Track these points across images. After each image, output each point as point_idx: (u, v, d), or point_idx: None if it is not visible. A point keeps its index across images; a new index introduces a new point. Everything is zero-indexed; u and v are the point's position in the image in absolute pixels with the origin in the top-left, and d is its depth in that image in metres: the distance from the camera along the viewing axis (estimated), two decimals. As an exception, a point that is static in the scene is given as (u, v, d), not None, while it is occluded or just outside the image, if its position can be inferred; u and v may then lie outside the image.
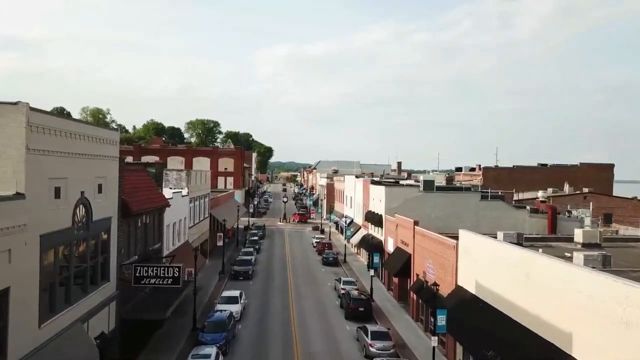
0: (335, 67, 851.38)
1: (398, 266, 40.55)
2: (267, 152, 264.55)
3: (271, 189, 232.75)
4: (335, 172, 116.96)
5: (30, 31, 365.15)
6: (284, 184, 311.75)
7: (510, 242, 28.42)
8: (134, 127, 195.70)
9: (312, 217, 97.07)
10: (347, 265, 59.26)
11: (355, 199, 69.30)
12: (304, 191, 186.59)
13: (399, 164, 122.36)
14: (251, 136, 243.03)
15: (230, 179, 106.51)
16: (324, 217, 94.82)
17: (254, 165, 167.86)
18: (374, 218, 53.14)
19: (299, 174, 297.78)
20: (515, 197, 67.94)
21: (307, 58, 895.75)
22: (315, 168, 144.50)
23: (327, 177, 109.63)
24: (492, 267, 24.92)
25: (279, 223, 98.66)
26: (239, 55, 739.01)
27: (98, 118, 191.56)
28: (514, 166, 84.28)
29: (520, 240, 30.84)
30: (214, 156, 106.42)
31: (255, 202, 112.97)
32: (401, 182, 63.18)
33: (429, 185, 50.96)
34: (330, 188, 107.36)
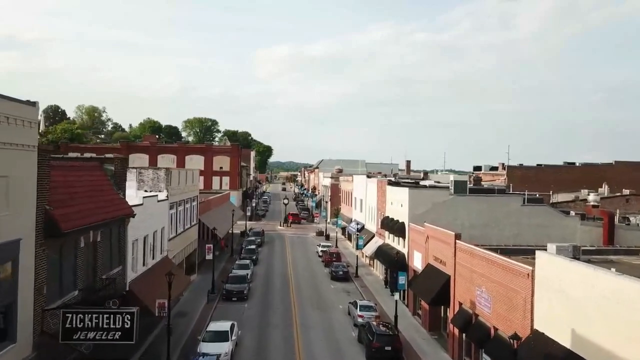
0: (335, 67, 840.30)
1: (433, 290, 31.85)
2: (266, 151, 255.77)
3: (270, 189, 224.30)
4: (340, 171, 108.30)
5: (29, 31, 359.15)
6: (283, 183, 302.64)
7: (566, 258, 20.28)
8: (130, 125, 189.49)
9: (315, 220, 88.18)
10: (359, 280, 50.62)
11: (367, 202, 60.64)
12: (304, 192, 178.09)
13: (408, 162, 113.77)
14: (250, 135, 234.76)
15: (225, 179, 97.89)
16: (329, 221, 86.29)
17: (252, 165, 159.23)
18: (393, 226, 44.50)
19: (299, 173, 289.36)
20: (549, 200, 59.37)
21: (307, 58, 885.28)
22: (317, 167, 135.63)
23: (331, 177, 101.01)
24: (610, 315, 16.27)
25: (279, 227, 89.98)
26: (238, 55, 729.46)
27: (94, 116, 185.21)
28: (541, 165, 75.62)
29: (577, 255, 22.60)
30: (208, 154, 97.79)
31: (254, 204, 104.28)
32: (421, 183, 54.52)
33: (460, 187, 42.35)
34: (334, 189, 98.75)
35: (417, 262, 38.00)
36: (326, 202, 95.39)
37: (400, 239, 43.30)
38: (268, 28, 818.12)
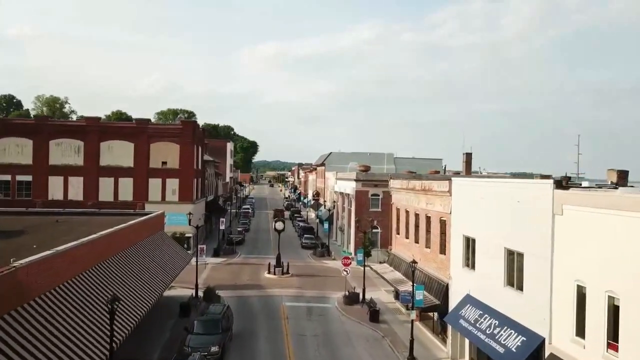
0: (322, 66, 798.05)
1: None
2: (250, 147, 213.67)
3: (255, 192, 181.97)
4: (366, 170, 65.98)
5: (13, 28, 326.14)
6: (270, 181, 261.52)
7: None
8: (99, 118, 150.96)
9: (347, 271, 43.31)
10: None
11: (578, 273, 18.43)
12: (299, 196, 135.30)
13: (469, 156, 70.52)
14: (232, 129, 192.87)
15: (172, 183, 55.48)
16: (348, 255, 43.67)
17: (229, 161, 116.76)
18: None
19: (289, 173, 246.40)
20: None
21: (294, 57, 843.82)
22: (323, 164, 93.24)
23: (357, 180, 58.93)
24: None
25: (266, 276, 47.59)
26: (224, 53, 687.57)
27: (54, 107, 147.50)
28: None
29: None
30: (141, 138, 55.25)
31: (222, 226, 61.43)
32: None
33: None
34: (362, 199, 57.03)
35: None
36: (363, 231, 52.70)
37: None
38: (254, 27, 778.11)
